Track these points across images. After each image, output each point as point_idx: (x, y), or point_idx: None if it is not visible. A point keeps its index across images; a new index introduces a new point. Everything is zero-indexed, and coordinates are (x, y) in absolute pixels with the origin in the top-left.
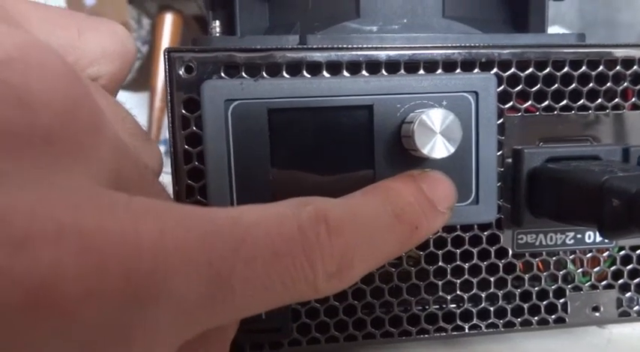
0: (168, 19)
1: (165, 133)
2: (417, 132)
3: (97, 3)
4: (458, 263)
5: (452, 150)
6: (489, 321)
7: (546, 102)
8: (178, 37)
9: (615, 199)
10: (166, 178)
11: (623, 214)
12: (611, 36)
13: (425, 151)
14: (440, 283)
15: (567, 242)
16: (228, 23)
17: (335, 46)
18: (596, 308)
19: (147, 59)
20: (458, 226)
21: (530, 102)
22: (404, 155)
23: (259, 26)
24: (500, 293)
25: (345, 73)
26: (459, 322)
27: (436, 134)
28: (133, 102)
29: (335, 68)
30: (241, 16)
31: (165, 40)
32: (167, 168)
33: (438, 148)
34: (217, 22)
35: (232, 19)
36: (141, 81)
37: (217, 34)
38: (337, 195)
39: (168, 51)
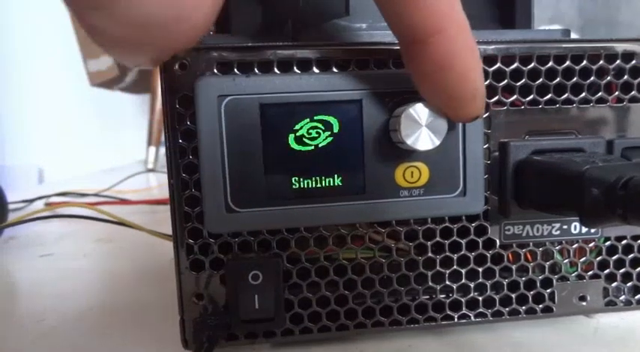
0: None
1: None
2: (403, 125)
3: None
4: (447, 254)
5: (437, 142)
6: (478, 311)
7: (531, 96)
8: None
9: (595, 188)
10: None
11: (602, 203)
12: (611, 34)
13: (409, 143)
14: (429, 273)
15: (554, 233)
16: (221, 21)
17: (325, 42)
18: (583, 298)
19: None
20: (446, 218)
21: (515, 97)
22: (393, 148)
23: (251, 24)
24: (488, 284)
25: (335, 69)
26: (448, 312)
27: (421, 127)
28: (134, 104)
29: (325, 64)
30: (234, 15)
31: None
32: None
33: (423, 140)
34: None
35: (225, 17)
36: (142, 83)
37: (211, 32)
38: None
39: None
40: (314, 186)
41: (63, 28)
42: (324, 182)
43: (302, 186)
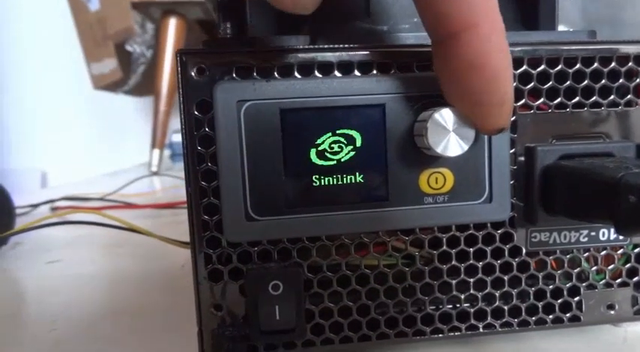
0: (172, 24)
1: (171, 137)
2: (430, 131)
3: (101, 8)
4: (471, 262)
5: (465, 148)
6: (504, 320)
7: (558, 100)
8: (182, 41)
9: (632, 195)
10: (173, 182)
11: (639, 210)
12: (615, 34)
13: (438, 150)
14: (453, 282)
15: (581, 240)
16: (238, 24)
17: (346, 45)
18: (611, 307)
19: (151, 63)
20: (471, 225)
21: (542, 100)
22: (417, 154)
23: (270, 27)
24: (514, 292)
25: (357, 73)
26: (473, 321)
27: (449, 132)
28: (137, 107)
29: (346, 68)
30: (252, 17)
31: (170, 45)
32: (178, 172)
33: (452, 146)
34: (228, 24)
35: (243, 20)
36: (146, 85)
37: (228, 36)
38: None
39: (180, 53)
40: (335, 194)
41: (66, 32)
42: (346, 190)
43: (323, 193)
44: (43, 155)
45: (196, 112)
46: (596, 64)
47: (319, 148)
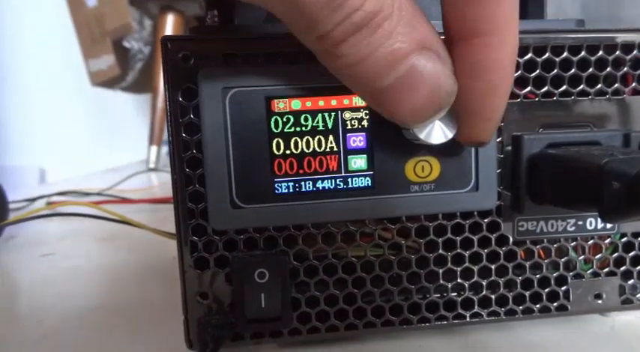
0: (170, 20)
1: None
2: None
3: (99, 4)
4: (458, 251)
5: (450, 136)
6: (491, 309)
7: (545, 88)
8: None
9: (615, 182)
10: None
11: (623, 197)
12: None
13: (422, 137)
14: (440, 271)
15: (568, 229)
16: (226, 12)
17: None
18: (598, 296)
19: (149, 60)
20: (458, 213)
21: (529, 89)
22: (403, 142)
23: (257, 15)
24: (501, 281)
25: None
26: (460, 310)
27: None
28: (135, 104)
29: None
30: (239, 5)
31: None
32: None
33: (436, 134)
34: (215, 12)
35: (230, 7)
36: (143, 82)
37: (215, 23)
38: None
39: (166, 39)
40: (322, 181)
41: (64, 28)
42: (332, 177)
43: (309, 180)
44: (41, 152)
45: (181, 99)
46: (583, 53)
47: (304, 137)
